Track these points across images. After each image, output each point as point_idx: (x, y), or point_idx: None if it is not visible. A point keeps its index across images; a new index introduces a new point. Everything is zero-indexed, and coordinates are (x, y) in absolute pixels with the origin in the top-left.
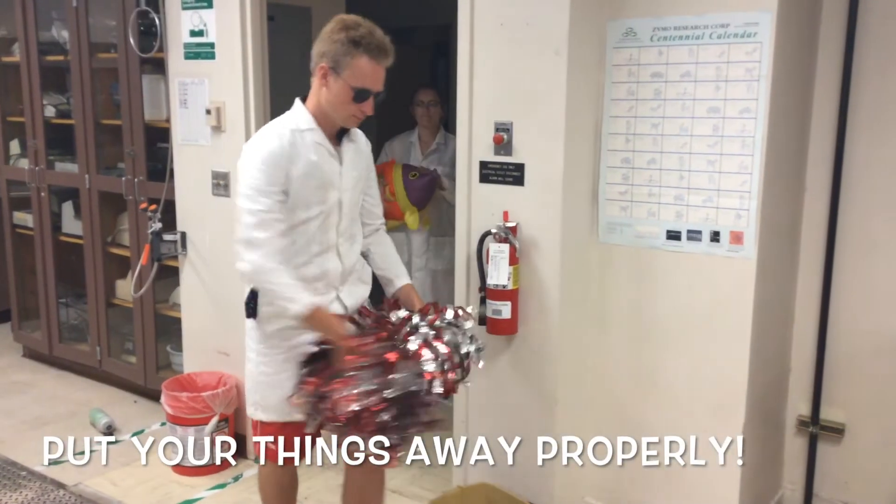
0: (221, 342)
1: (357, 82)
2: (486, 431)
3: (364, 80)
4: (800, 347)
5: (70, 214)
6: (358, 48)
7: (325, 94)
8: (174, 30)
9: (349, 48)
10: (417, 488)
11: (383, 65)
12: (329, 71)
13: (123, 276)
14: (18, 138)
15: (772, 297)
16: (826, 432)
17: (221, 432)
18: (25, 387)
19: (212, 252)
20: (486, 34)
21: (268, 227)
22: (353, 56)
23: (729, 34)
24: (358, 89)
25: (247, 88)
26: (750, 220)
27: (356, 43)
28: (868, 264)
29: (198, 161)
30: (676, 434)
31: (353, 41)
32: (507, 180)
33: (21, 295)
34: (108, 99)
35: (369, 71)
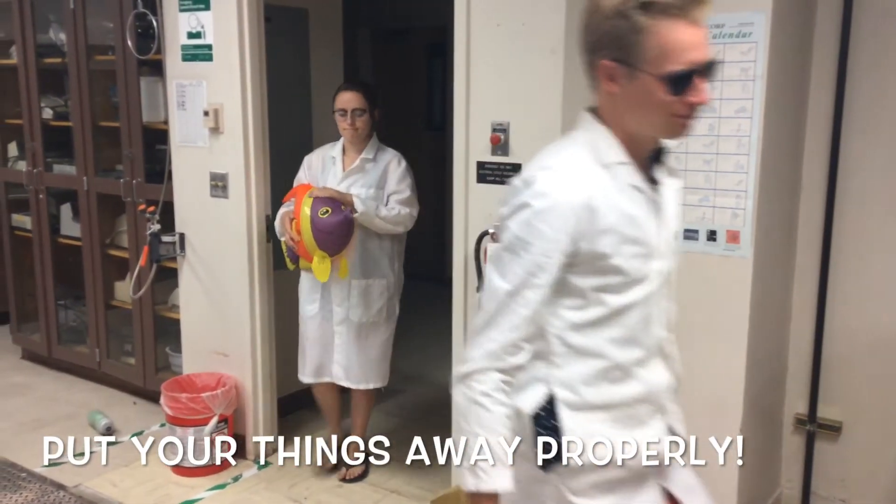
0: (220, 343)
1: (669, 64)
2: None
3: (679, 56)
4: (797, 346)
5: (68, 216)
6: (652, 14)
7: (623, 102)
8: (172, 32)
9: (638, 20)
10: (416, 488)
11: (701, 20)
12: (617, 66)
13: (122, 277)
14: (16, 140)
15: (768, 296)
16: (823, 430)
17: (221, 433)
18: (24, 389)
19: (210, 253)
20: (482, 35)
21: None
22: (648, 29)
23: (724, 34)
24: (673, 75)
25: (244, 90)
26: (746, 219)
27: (646, 6)
28: (864, 263)
29: (196, 163)
30: None
31: (641, 6)
32: (505, 180)
33: (20, 297)
34: (106, 101)
35: (685, 39)
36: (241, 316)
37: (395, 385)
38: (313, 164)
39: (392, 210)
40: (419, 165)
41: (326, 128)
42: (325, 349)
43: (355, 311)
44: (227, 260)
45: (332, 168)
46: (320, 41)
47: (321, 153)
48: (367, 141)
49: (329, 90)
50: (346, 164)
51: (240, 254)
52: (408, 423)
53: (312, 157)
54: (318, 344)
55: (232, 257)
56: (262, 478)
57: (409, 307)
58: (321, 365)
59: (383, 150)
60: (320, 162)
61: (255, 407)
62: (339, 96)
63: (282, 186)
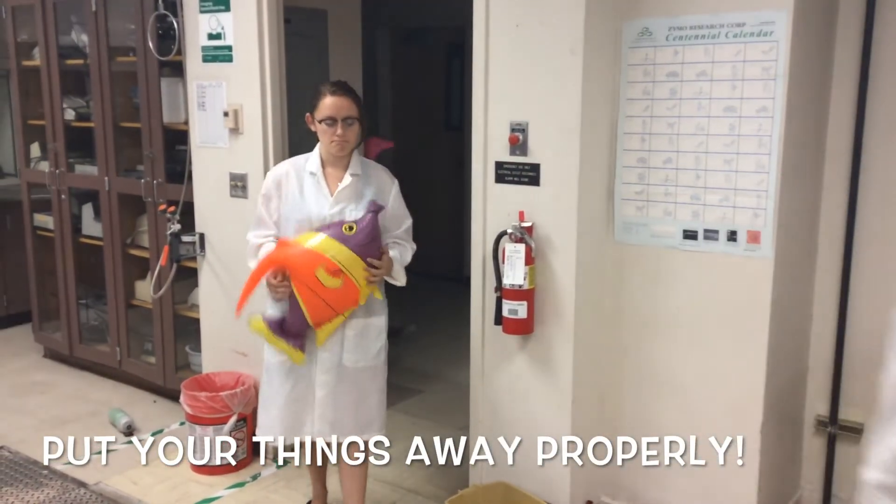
0: (239, 342)
1: None
2: (502, 431)
3: None
4: (818, 347)
5: (90, 216)
6: None
7: None
8: (192, 33)
9: None
10: (434, 487)
11: None
12: None
13: (143, 277)
14: (39, 141)
15: (789, 297)
16: (845, 432)
17: (240, 432)
18: (46, 387)
19: (230, 253)
20: (501, 35)
21: None
22: None
23: (745, 33)
24: None
25: (264, 91)
26: (767, 219)
27: None
28: (887, 262)
29: (216, 163)
30: (694, 434)
31: None
32: (523, 180)
33: (42, 296)
34: (128, 102)
35: None
36: None
37: (412, 385)
38: (284, 183)
39: (407, 252)
40: (437, 165)
41: None
42: (300, 404)
43: (350, 356)
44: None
45: (314, 189)
46: (339, 42)
47: (292, 167)
48: (351, 154)
49: None
50: (329, 183)
51: None
52: (425, 422)
53: (279, 173)
54: (291, 398)
55: None
56: (280, 476)
57: (428, 306)
58: (297, 423)
59: (366, 162)
60: (295, 180)
61: None
62: (323, 102)
63: None
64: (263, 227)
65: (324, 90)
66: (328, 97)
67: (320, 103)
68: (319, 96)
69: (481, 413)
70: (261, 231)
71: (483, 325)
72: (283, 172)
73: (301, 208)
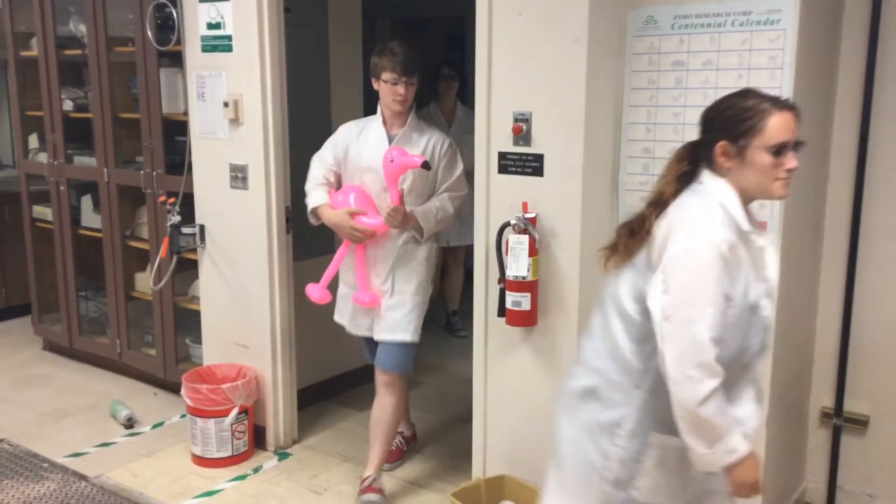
0: (240, 334)
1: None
2: (505, 423)
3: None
4: (823, 339)
5: (89, 208)
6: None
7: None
8: (191, 23)
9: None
10: (438, 480)
11: None
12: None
13: (143, 269)
14: (37, 132)
15: (795, 288)
16: (850, 424)
17: (241, 424)
18: (46, 379)
19: (230, 245)
20: (504, 24)
21: None
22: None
23: (751, 21)
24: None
25: (264, 81)
26: (773, 210)
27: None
28: (893, 254)
29: (216, 154)
30: None
31: None
32: (527, 171)
33: (41, 288)
34: (126, 92)
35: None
36: (261, 307)
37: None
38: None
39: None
40: None
41: (346, 118)
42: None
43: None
44: (247, 251)
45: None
46: (339, 31)
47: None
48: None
49: (349, 81)
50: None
51: (259, 245)
52: (427, 415)
53: (338, 135)
54: None
55: (252, 248)
56: (282, 469)
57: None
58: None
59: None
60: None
61: (275, 398)
62: (388, 61)
63: (301, 177)
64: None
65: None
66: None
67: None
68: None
69: (484, 405)
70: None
71: (486, 316)
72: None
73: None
